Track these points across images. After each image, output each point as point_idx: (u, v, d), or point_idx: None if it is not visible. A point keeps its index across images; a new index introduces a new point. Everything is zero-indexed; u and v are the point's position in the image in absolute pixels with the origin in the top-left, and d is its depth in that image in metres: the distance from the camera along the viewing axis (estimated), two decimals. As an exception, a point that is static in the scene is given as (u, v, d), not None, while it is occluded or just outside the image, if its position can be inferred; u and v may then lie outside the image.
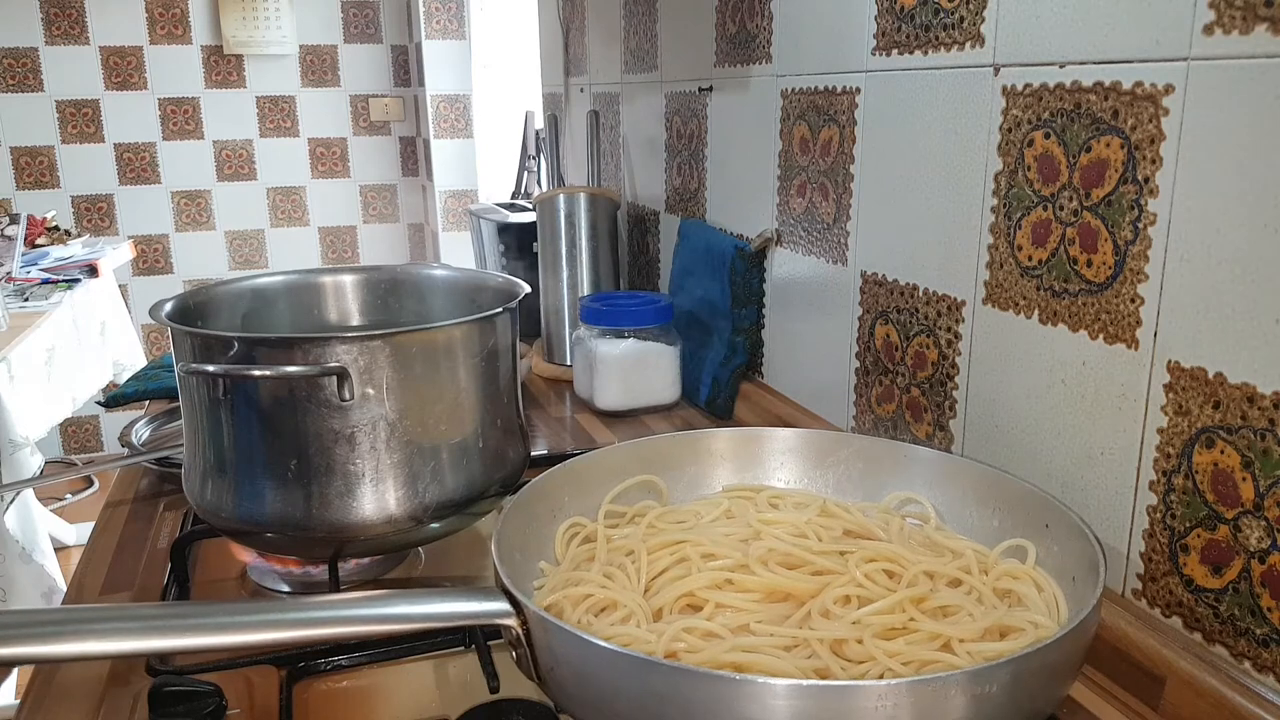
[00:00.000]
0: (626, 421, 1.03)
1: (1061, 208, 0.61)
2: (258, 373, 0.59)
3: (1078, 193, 0.60)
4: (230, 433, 0.62)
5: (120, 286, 2.86)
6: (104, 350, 2.29)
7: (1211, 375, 0.52)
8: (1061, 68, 0.60)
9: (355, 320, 0.80)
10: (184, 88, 3.13)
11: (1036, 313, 0.64)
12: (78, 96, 3.05)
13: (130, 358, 2.43)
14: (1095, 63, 0.58)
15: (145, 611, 0.49)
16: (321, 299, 0.80)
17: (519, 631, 0.48)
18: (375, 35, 3.28)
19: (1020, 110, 0.64)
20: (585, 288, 1.20)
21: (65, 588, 1.13)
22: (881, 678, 0.46)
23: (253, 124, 3.22)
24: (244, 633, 0.47)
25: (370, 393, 0.60)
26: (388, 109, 3.33)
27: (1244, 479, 0.51)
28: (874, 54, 0.79)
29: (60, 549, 2.41)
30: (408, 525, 0.63)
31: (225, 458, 0.63)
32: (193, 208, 3.22)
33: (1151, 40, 0.54)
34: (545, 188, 1.78)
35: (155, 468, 0.88)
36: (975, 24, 0.67)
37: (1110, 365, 0.59)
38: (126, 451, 0.92)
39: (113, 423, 3.20)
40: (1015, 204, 0.65)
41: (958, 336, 0.73)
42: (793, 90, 0.93)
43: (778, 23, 0.94)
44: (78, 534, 2.61)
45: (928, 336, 0.77)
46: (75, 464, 3.17)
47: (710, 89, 1.11)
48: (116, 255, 2.56)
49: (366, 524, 0.62)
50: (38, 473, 1.71)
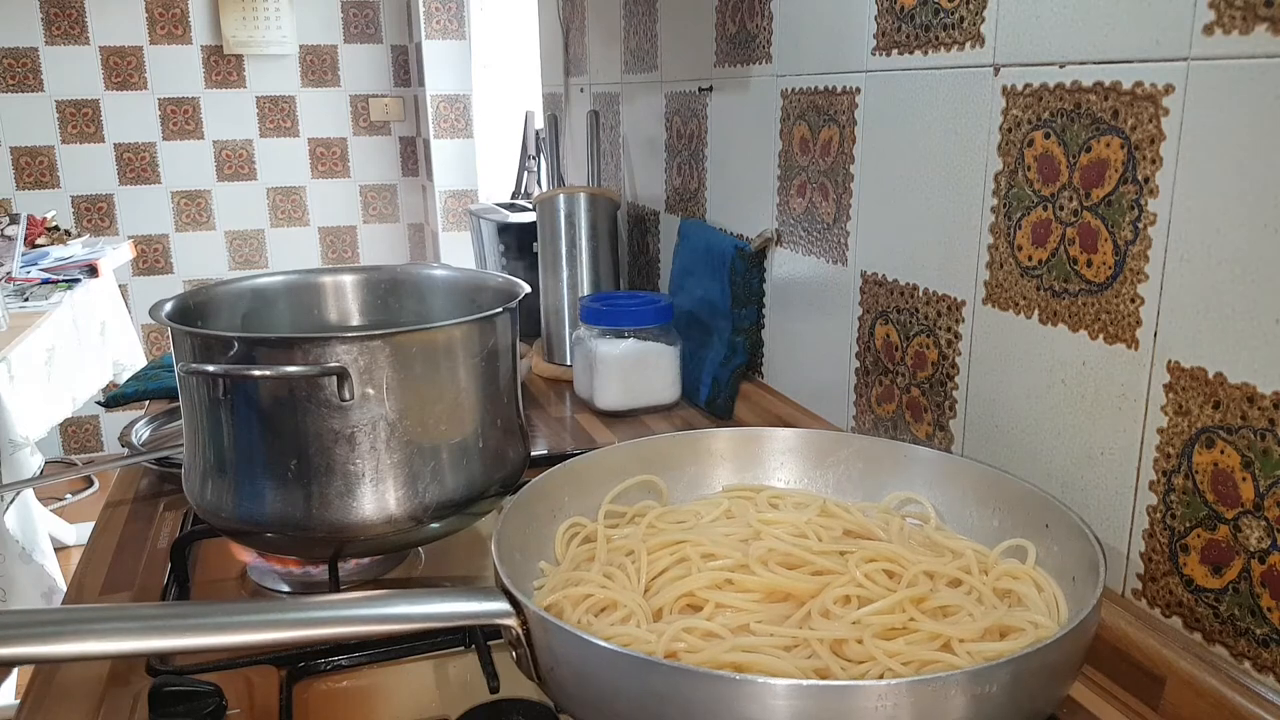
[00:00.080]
0: (626, 421, 1.03)
1: (1061, 208, 0.61)
2: (258, 373, 0.59)
3: (1078, 193, 0.60)
4: (230, 433, 0.62)
5: (120, 286, 2.86)
6: (104, 350, 2.29)
7: (1211, 375, 0.52)
8: (1061, 68, 0.60)
9: (355, 320, 0.80)
10: (184, 88, 3.13)
11: (1036, 313, 0.64)
12: (78, 96, 3.05)
13: (130, 358, 2.43)
14: (1095, 63, 0.58)
15: (145, 611, 0.49)
16: (321, 299, 0.80)
17: (519, 631, 0.48)
18: (375, 35, 3.28)
19: (1020, 110, 0.64)
20: (585, 288, 1.20)
21: (65, 588, 1.13)
22: (881, 678, 0.46)
23: (253, 124, 3.23)
24: (244, 633, 0.47)
25: (370, 393, 0.60)
26: (388, 109, 3.33)
27: (1244, 479, 0.51)
28: (874, 54, 0.79)
29: (60, 549, 2.41)
30: (408, 525, 0.63)
31: (225, 458, 0.63)
32: (193, 208, 3.23)
33: (1151, 40, 0.54)
34: (545, 188, 1.78)
35: (155, 468, 0.88)
36: (975, 24, 0.67)
37: (1110, 365, 0.59)
38: (126, 451, 0.92)
39: (113, 423, 3.20)
40: (1015, 204, 0.65)
41: (958, 336, 0.73)
42: (793, 90, 0.93)
43: (778, 23, 0.94)
44: (78, 534, 2.61)
45: (928, 336, 0.77)
46: (75, 464, 3.17)
47: (710, 89, 1.11)
48: (116, 255, 2.56)
49: (366, 524, 0.62)
50: (38, 473, 1.71)
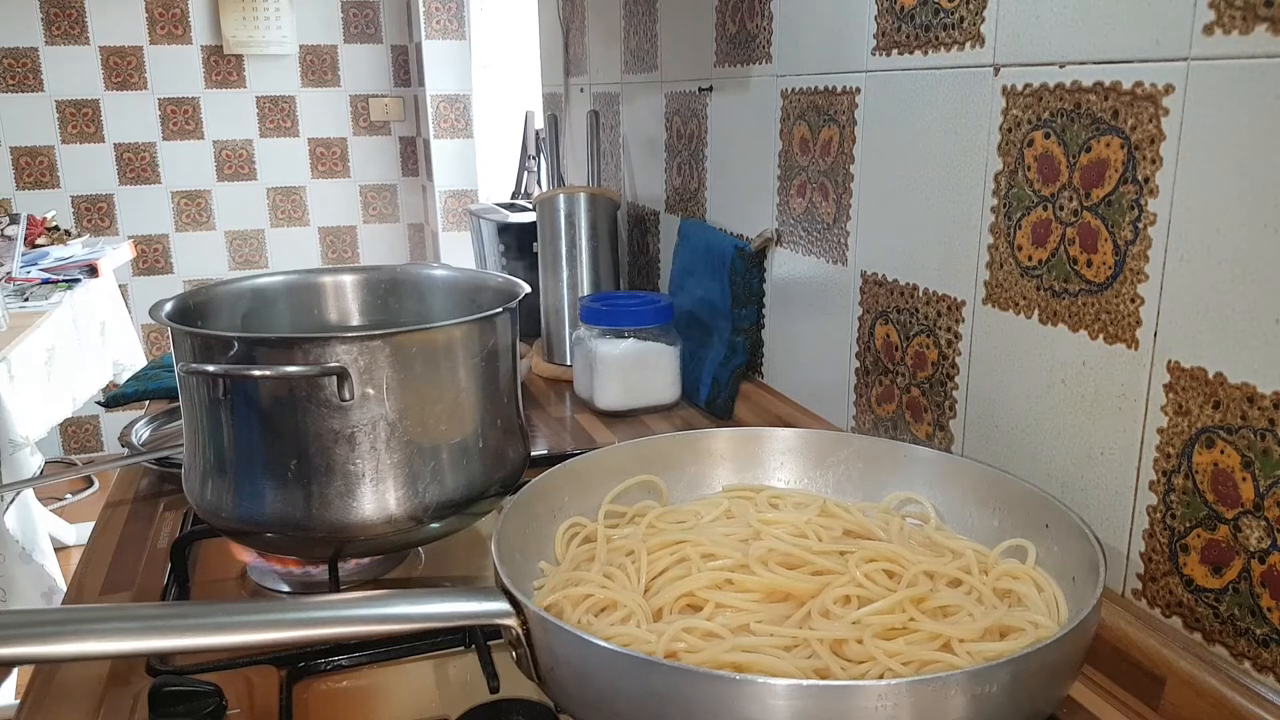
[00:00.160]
0: (626, 421, 1.03)
1: (1061, 208, 0.61)
2: (258, 373, 0.59)
3: (1078, 193, 0.60)
4: (230, 433, 0.62)
5: (120, 286, 2.86)
6: (104, 350, 2.29)
7: (1211, 375, 0.52)
8: (1061, 68, 0.60)
9: (355, 320, 0.80)
10: (184, 88, 3.13)
11: (1036, 313, 0.64)
12: (78, 96, 3.05)
13: (130, 358, 2.43)
14: (1095, 63, 0.58)
15: (145, 612, 0.49)
16: (321, 299, 0.80)
17: (519, 632, 0.48)
18: (375, 35, 3.28)
19: (1020, 110, 0.64)
20: (585, 288, 1.20)
21: (65, 588, 1.13)
22: (882, 678, 0.46)
23: (253, 124, 3.23)
24: (244, 633, 0.47)
25: (370, 393, 0.60)
26: (388, 109, 3.33)
27: (1244, 479, 0.51)
28: (874, 54, 0.79)
29: (60, 549, 2.41)
30: (408, 525, 0.63)
31: (225, 458, 0.63)
32: (193, 208, 3.22)
33: (1151, 40, 0.54)
34: (545, 188, 1.78)
35: (155, 468, 0.88)
36: (975, 24, 0.67)
37: (1110, 365, 0.59)
38: (126, 451, 0.92)
39: (113, 423, 3.20)
40: (1015, 204, 0.65)
41: (958, 336, 0.73)
42: (793, 90, 0.93)
43: (778, 23, 0.94)
44: (78, 534, 2.61)
45: (928, 336, 0.77)
46: (75, 464, 3.17)
47: (710, 89, 1.11)
48: (116, 255, 2.56)
49: (366, 524, 0.62)
50: (38, 473, 1.71)
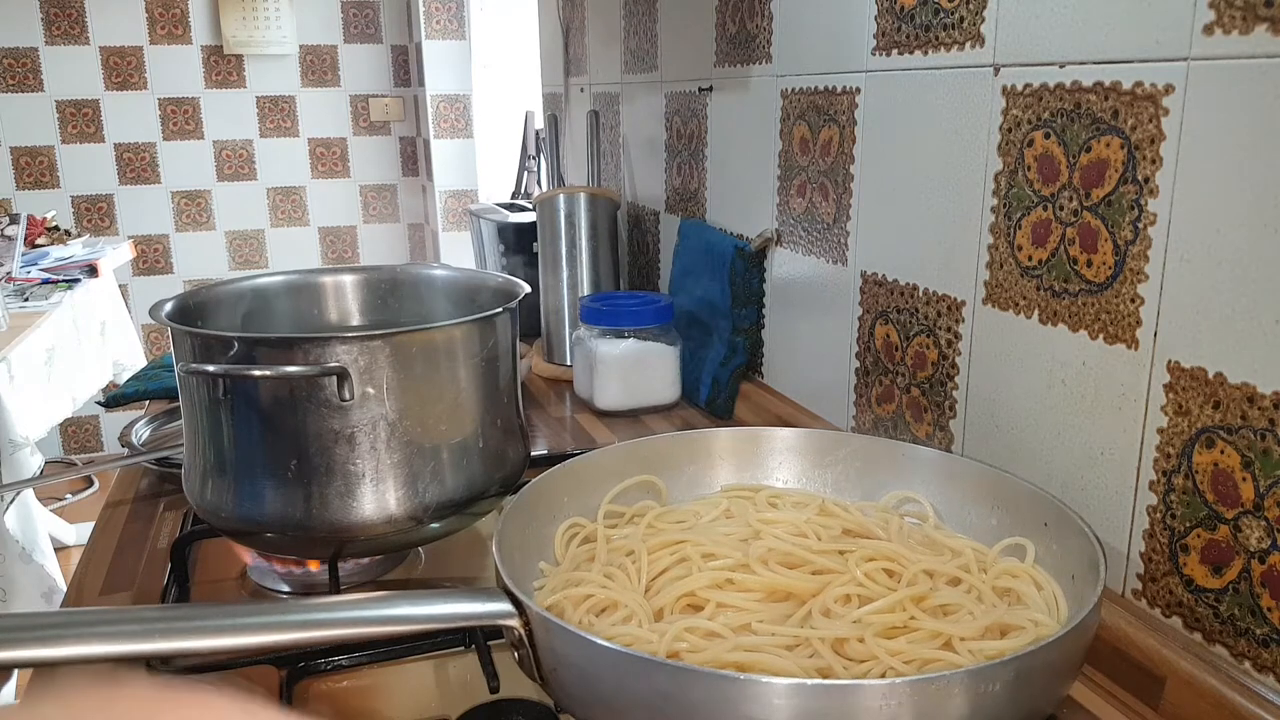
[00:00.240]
0: (626, 421, 1.03)
1: (1061, 208, 0.61)
2: (258, 373, 0.59)
3: (1078, 193, 0.60)
4: (230, 433, 0.62)
5: (120, 286, 2.86)
6: (104, 350, 2.29)
7: (1211, 375, 0.52)
8: (1061, 68, 0.60)
9: (355, 320, 0.80)
10: (184, 88, 3.13)
11: (1036, 313, 0.64)
12: (78, 96, 3.05)
13: (130, 358, 2.43)
14: (1095, 63, 0.58)
15: (146, 614, 0.49)
16: (321, 299, 0.80)
17: (521, 632, 0.48)
18: (375, 35, 3.28)
19: (1020, 110, 0.64)
20: (585, 288, 1.20)
21: (65, 588, 1.13)
22: (883, 676, 0.46)
23: (253, 124, 3.22)
24: (245, 635, 0.47)
25: (370, 393, 0.60)
26: (388, 109, 3.33)
27: (1244, 479, 0.51)
28: (874, 54, 0.79)
29: (60, 549, 2.41)
30: (408, 525, 0.63)
31: (225, 458, 0.62)
32: (193, 208, 3.22)
33: (1151, 40, 0.54)
34: (545, 188, 1.78)
35: (155, 468, 0.88)
36: (975, 24, 0.67)
37: (1110, 365, 0.59)
38: (126, 451, 0.92)
39: (113, 423, 3.20)
40: (1015, 204, 0.65)
41: (958, 336, 0.73)
42: (793, 90, 0.93)
43: (778, 23, 0.94)
44: (78, 534, 2.61)
45: (928, 336, 0.77)
46: (75, 464, 3.17)
47: (710, 89, 1.11)
48: (116, 255, 2.56)
49: (366, 524, 0.62)
50: (38, 473, 1.71)
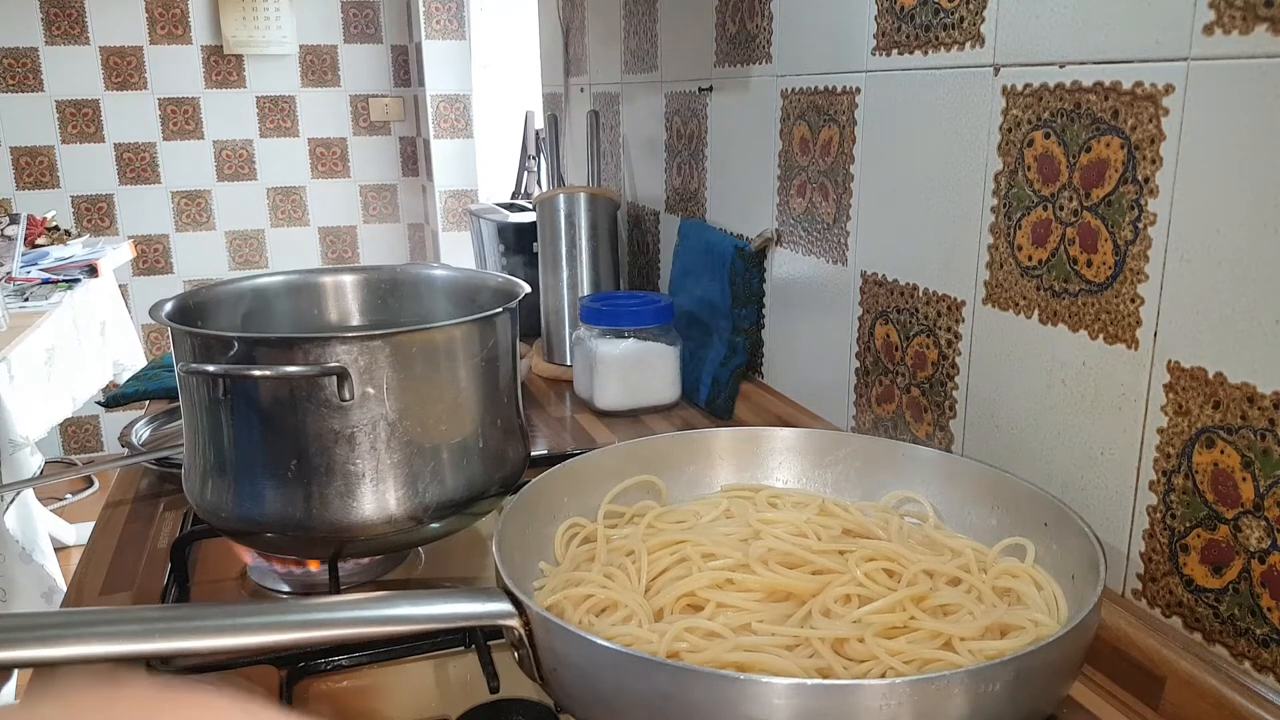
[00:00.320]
0: (626, 421, 1.03)
1: (1061, 208, 0.61)
2: (258, 373, 0.59)
3: (1078, 193, 0.60)
4: (230, 433, 0.62)
5: (120, 286, 2.86)
6: (104, 350, 2.29)
7: (1211, 375, 0.52)
8: (1061, 68, 0.60)
9: (355, 320, 0.80)
10: (184, 88, 3.13)
11: (1036, 313, 0.64)
12: (78, 96, 3.05)
13: (130, 358, 2.43)
14: (1095, 63, 0.58)
15: (146, 614, 0.49)
16: (321, 299, 0.80)
17: (521, 632, 0.48)
18: (375, 35, 3.28)
19: (1020, 110, 0.64)
20: (585, 288, 1.20)
21: (65, 588, 1.13)
22: (884, 676, 0.46)
23: (253, 124, 3.22)
24: (245, 635, 0.47)
25: (370, 393, 0.60)
26: (388, 109, 3.33)
27: (1244, 479, 0.51)
28: (874, 54, 0.79)
29: (60, 549, 2.41)
30: (408, 525, 0.63)
31: (225, 458, 0.62)
32: (193, 208, 3.22)
33: (1151, 40, 0.54)
34: (545, 188, 1.78)
35: (155, 468, 0.88)
36: (975, 24, 0.67)
37: (1110, 365, 0.59)
38: (126, 451, 0.92)
39: (113, 423, 3.20)
40: (1015, 204, 0.65)
41: (958, 336, 0.73)
42: (793, 90, 0.93)
43: (778, 23, 0.94)
44: (78, 534, 2.61)
45: (928, 336, 0.77)
46: (75, 464, 3.17)
47: (710, 89, 1.11)
48: (116, 255, 2.56)
49: (366, 524, 0.62)
50: (38, 473, 1.71)
